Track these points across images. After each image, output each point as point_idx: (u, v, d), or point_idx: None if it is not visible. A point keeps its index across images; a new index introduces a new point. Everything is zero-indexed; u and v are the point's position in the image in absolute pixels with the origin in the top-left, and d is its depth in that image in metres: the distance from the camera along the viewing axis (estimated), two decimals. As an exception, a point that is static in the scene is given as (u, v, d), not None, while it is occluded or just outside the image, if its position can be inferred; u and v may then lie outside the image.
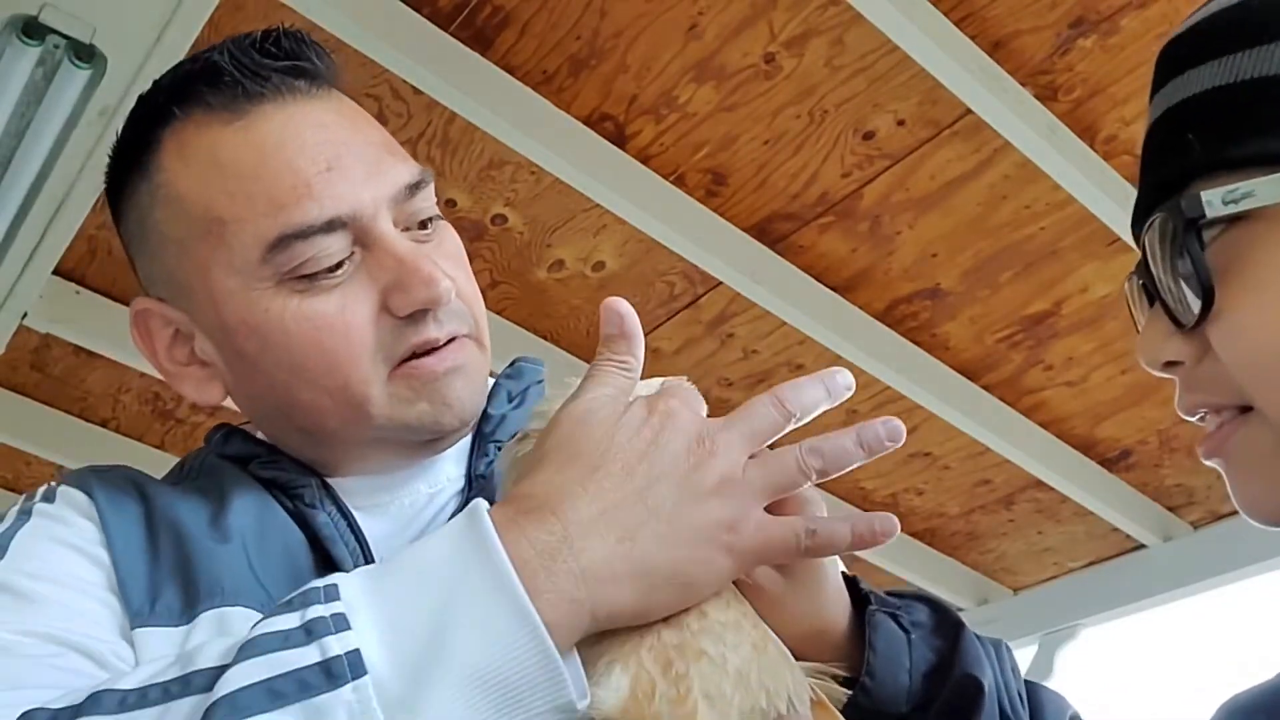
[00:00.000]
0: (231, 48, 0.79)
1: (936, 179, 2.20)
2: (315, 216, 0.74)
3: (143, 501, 0.78)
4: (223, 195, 0.76)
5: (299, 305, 0.76)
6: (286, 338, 0.76)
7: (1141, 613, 3.32)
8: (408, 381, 0.78)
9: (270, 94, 0.78)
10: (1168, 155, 0.62)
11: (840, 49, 1.96)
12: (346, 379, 0.76)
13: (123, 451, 2.90)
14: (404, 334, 0.77)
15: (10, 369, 2.68)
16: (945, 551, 3.41)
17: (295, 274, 0.75)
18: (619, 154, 2.14)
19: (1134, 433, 2.89)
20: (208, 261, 0.77)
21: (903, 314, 2.54)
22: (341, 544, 0.77)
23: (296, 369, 0.77)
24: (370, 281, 0.77)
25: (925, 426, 2.82)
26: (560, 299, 2.49)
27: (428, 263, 0.76)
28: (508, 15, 1.91)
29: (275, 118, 0.77)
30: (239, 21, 1.87)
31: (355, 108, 0.83)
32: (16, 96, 1.71)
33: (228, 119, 0.78)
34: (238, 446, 0.85)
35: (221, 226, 0.76)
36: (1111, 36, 1.92)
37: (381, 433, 0.79)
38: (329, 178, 0.76)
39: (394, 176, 0.78)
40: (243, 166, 0.76)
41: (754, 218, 2.31)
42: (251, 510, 0.79)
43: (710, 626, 0.61)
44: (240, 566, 0.75)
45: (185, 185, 0.78)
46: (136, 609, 0.71)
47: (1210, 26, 0.61)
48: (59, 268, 2.26)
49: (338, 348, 0.76)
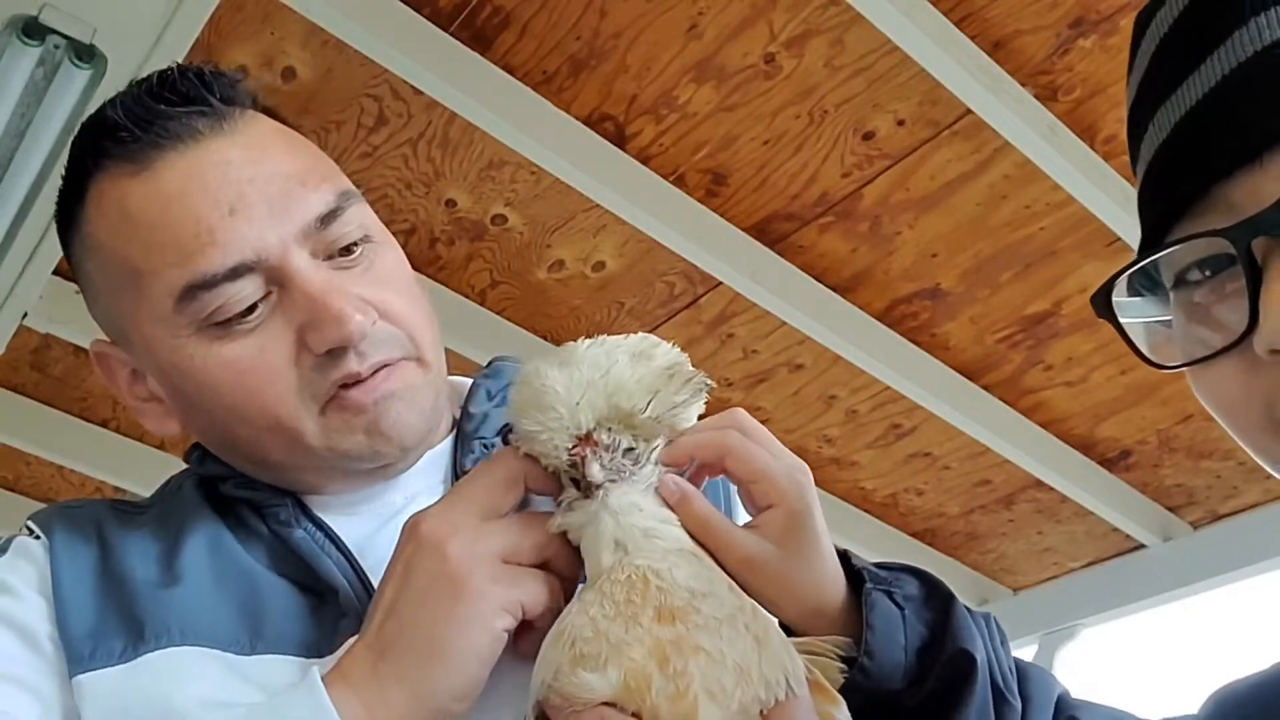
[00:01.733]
0: (126, 99, 0.78)
1: (936, 179, 2.20)
2: (219, 265, 0.74)
3: (99, 545, 0.80)
4: (135, 246, 0.76)
5: (219, 351, 0.76)
6: (214, 381, 0.77)
7: (1141, 613, 3.32)
8: (340, 415, 0.77)
9: (170, 141, 0.76)
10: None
11: (840, 49, 1.96)
12: (277, 417, 0.76)
13: (123, 451, 2.90)
14: (325, 370, 0.76)
15: (10, 369, 2.68)
16: (945, 551, 3.41)
17: (209, 321, 0.75)
18: (619, 154, 2.14)
19: (1134, 433, 2.89)
20: (133, 311, 0.78)
21: (903, 314, 2.54)
22: (325, 557, 0.77)
23: (228, 410, 0.77)
24: (286, 321, 0.76)
25: (925, 427, 2.82)
26: (560, 299, 2.49)
27: (339, 298, 0.75)
28: (508, 15, 1.91)
29: (177, 165, 0.76)
30: (239, 21, 1.87)
31: (269, 133, 0.80)
32: (16, 96, 1.71)
33: (132, 170, 0.77)
34: (211, 466, 0.85)
35: (138, 277, 0.76)
36: (1111, 36, 1.92)
37: (327, 462, 0.79)
38: (231, 222, 0.74)
39: (303, 209, 0.76)
40: (150, 217, 0.76)
41: (754, 218, 2.31)
42: (205, 546, 0.79)
43: (706, 622, 0.62)
44: (193, 607, 0.75)
45: (104, 236, 0.78)
46: (76, 656, 0.73)
47: None
48: (59, 268, 2.26)
49: (262, 389, 0.76)
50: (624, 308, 2.53)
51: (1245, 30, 0.53)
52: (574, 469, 0.67)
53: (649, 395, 0.68)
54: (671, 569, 0.64)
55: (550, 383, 0.67)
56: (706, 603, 0.63)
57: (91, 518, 0.82)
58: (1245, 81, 0.53)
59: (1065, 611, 3.40)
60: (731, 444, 0.71)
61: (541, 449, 0.68)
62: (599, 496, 0.66)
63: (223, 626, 0.74)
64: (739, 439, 0.71)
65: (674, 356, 0.71)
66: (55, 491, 3.17)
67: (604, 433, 0.67)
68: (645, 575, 0.63)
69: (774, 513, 0.71)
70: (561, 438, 0.67)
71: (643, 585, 0.63)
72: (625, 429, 0.68)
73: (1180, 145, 0.56)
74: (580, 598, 0.66)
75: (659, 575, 0.63)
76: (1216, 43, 0.55)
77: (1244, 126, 0.52)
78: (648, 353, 0.70)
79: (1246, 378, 0.55)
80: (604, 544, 0.66)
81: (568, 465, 0.67)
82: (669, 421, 0.70)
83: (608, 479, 0.67)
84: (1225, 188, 0.54)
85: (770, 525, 0.71)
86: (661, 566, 0.64)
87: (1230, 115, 0.53)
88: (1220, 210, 0.54)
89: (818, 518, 0.73)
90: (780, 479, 0.71)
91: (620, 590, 0.63)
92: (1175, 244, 0.56)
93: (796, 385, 2.75)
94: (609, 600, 0.63)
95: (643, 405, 0.68)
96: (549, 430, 0.67)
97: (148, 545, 0.79)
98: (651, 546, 0.66)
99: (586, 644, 0.61)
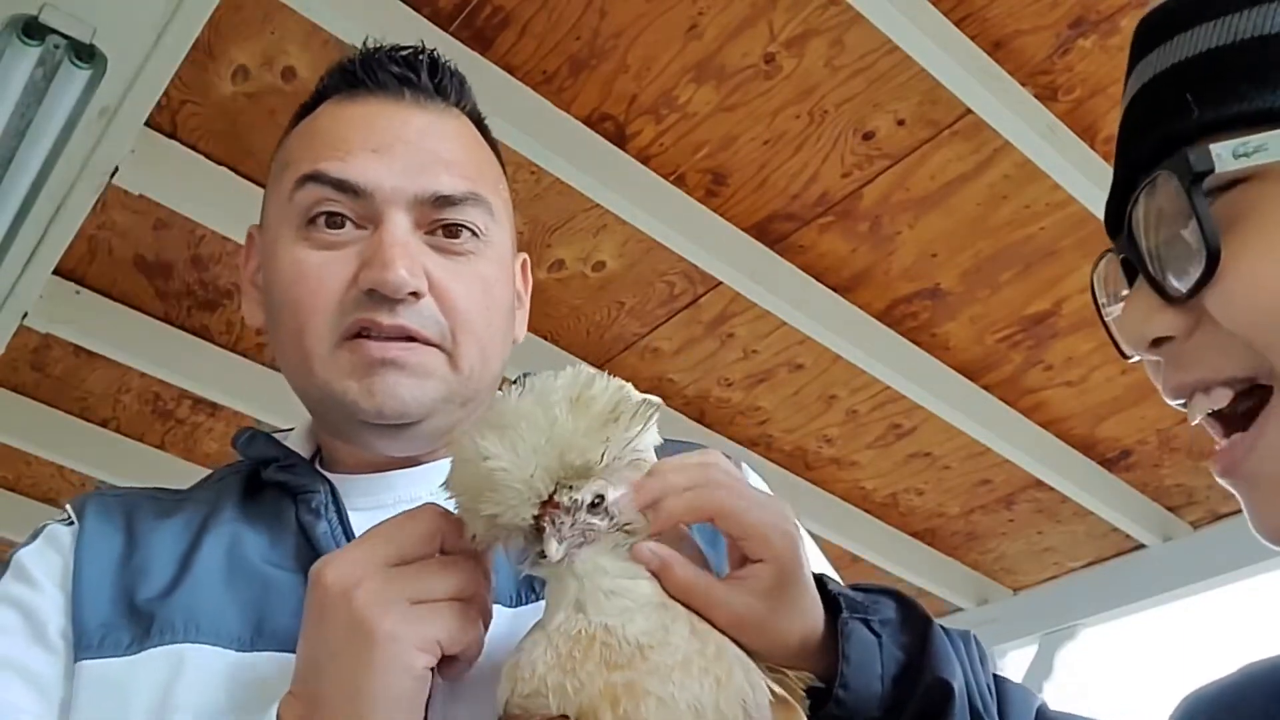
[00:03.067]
0: (369, 52, 0.93)
1: (936, 179, 2.20)
2: (337, 172, 0.83)
3: (126, 535, 0.83)
4: (297, 144, 0.89)
5: (297, 250, 0.84)
6: (282, 275, 0.84)
7: (1141, 613, 3.32)
8: (348, 356, 0.82)
9: (376, 88, 0.89)
10: (1160, 120, 0.60)
11: (840, 49, 1.96)
12: (302, 329, 0.83)
13: (122, 451, 2.90)
14: (358, 307, 0.82)
15: (10, 369, 2.69)
16: (945, 551, 3.41)
17: (306, 216, 0.84)
18: (619, 154, 2.14)
19: (1134, 433, 2.89)
20: (272, 196, 0.90)
21: (903, 314, 2.54)
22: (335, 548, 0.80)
23: (279, 306, 0.85)
24: (357, 254, 0.83)
25: (925, 426, 2.82)
26: (560, 299, 2.49)
27: (401, 252, 0.81)
28: (508, 15, 1.91)
29: (368, 104, 0.88)
30: (239, 21, 1.87)
31: (455, 129, 0.91)
32: (16, 96, 1.71)
33: (342, 99, 0.90)
34: (260, 448, 0.89)
35: (285, 167, 0.88)
36: (1111, 36, 1.92)
37: (322, 401, 0.84)
38: (369, 156, 0.84)
39: (431, 182, 0.85)
40: (320, 127, 0.88)
41: (754, 218, 2.31)
42: (223, 547, 0.82)
43: (656, 668, 0.62)
44: (200, 604, 0.78)
45: (291, 141, 0.91)
46: (86, 643, 0.76)
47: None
48: (59, 268, 2.26)
49: (303, 298, 0.83)
50: (624, 308, 2.53)
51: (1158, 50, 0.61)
52: (539, 529, 0.65)
53: (602, 445, 0.65)
54: (625, 625, 0.63)
55: (496, 460, 0.63)
56: (657, 652, 0.63)
57: (124, 508, 0.86)
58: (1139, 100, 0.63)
59: (1065, 611, 3.40)
60: (722, 503, 0.68)
61: (504, 525, 0.65)
62: (564, 563, 0.64)
63: (226, 623, 0.77)
64: (728, 496, 0.68)
65: (614, 394, 0.67)
66: (55, 491, 3.17)
67: (564, 494, 0.64)
68: (594, 634, 0.63)
69: (764, 568, 0.68)
70: (524, 510, 0.64)
71: (587, 642, 0.62)
72: (584, 480, 0.65)
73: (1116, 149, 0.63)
74: (531, 636, 0.66)
75: (609, 631, 0.63)
76: (1136, 59, 0.62)
77: (1133, 143, 0.62)
78: (585, 397, 0.66)
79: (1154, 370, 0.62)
80: (565, 602, 0.65)
81: (531, 528, 0.65)
82: (628, 459, 0.67)
83: (570, 548, 0.64)
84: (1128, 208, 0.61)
85: (759, 580, 0.68)
86: (615, 623, 0.63)
87: (1128, 131, 0.62)
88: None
89: (806, 569, 0.71)
90: (773, 536, 0.68)
91: (565, 644, 0.63)
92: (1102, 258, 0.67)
93: (796, 385, 2.75)
94: (552, 650, 0.63)
95: (598, 457, 0.65)
96: (508, 508, 0.64)
97: (171, 540, 0.83)
98: (612, 605, 0.64)
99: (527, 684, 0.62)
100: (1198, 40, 0.58)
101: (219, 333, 2.60)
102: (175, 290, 2.47)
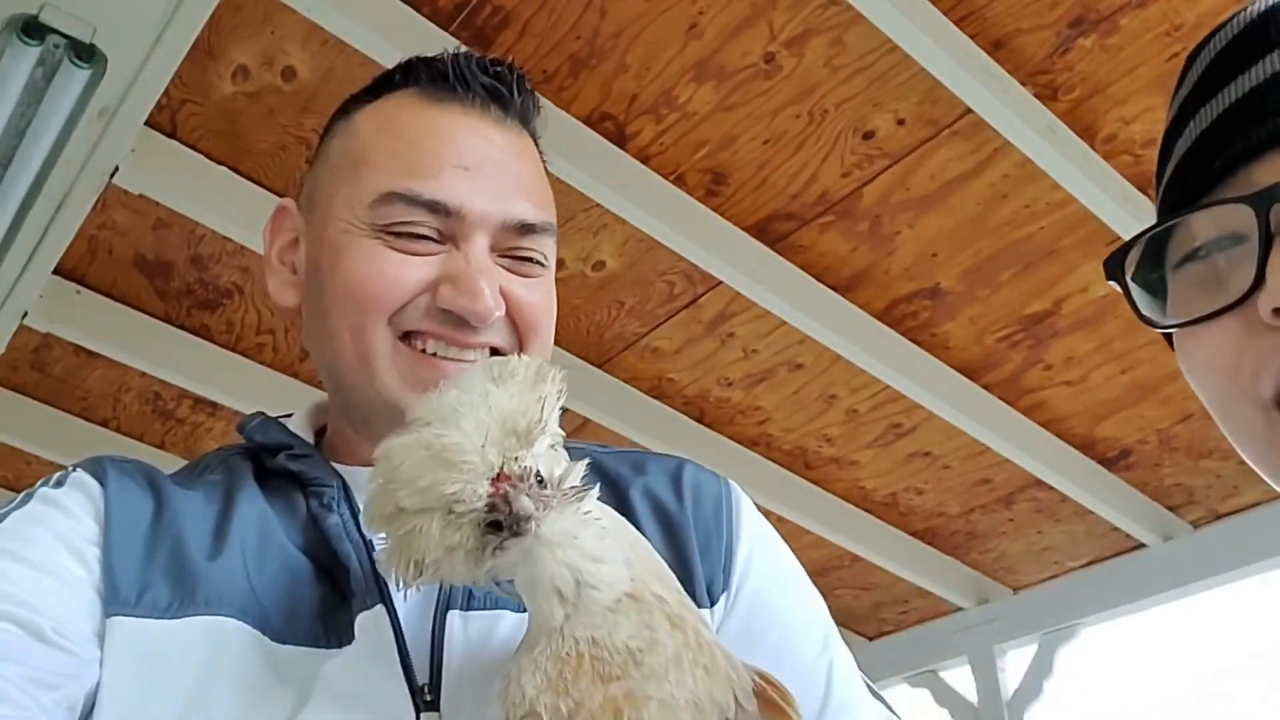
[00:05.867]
0: (460, 55, 0.90)
1: (936, 179, 2.20)
2: (429, 193, 0.83)
3: (154, 497, 0.81)
4: (379, 144, 0.87)
5: (378, 250, 0.83)
6: (354, 268, 0.84)
7: (1141, 612, 3.32)
8: (410, 363, 0.83)
9: (465, 96, 0.87)
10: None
11: (840, 49, 1.96)
12: (363, 325, 0.83)
13: (123, 451, 2.89)
14: (428, 316, 0.83)
15: (10, 369, 2.69)
16: (945, 551, 3.41)
17: (388, 228, 0.83)
18: (619, 154, 2.14)
19: (1134, 432, 2.89)
20: (338, 189, 0.87)
21: (903, 314, 2.54)
22: (346, 542, 0.80)
23: (343, 295, 0.84)
24: (438, 266, 0.83)
25: (925, 426, 2.83)
26: (560, 299, 2.46)
27: (489, 281, 0.82)
28: (508, 15, 1.91)
29: (457, 114, 0.87)
30: (239, 21, 1.87)
31: (530, 153, 0.90)
32: (16, 96, 1.71)
33: (425, 98, 0.88)
34: (273, 434, 0.89)
35: (363, 165, 0.86)
36: (1111, 36, 1.92)
37: (375, 404, 0.83)
38: (459, 174, 0.84)
39: (517, 208, 0.85)
40: (409, 132, 0.86)
41: (754, 217, 2.31)
42: (254, 523, 0.81)
43: (651, 671, 0.62)
44: (237, 580, 0.77)
45: (364, 127, 0.89)
46: (122, 598, 0.74)
47: None
48: (59, 268, 2.26)
49: (375, 296, 0.83)
50: (624, 307, 2.53)
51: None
52: (493, 512, 0.63)
53: (539, 403, 0.66)
54: (611, 633, 0.63)
55: (448, 439, 0.63)
56: (648, 655, 0.63)
57: (144, 471, 0.85)
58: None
59: (1065, 611, 3.40)
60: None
61: (458, 505, 0.63)
62: (532, 530, 0.63)
63: (264, 608, 0.76)
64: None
65: (530, 362, 0.69)
66: (55, 491, 3.17)
67: (512, 465, 0.64)
68: (582, 651, 0.63)
69: None
70: (480, 486, 0.63)
71: (577, 660, 0.62)
72: (525, 451, 0.65)
73: (1221, 130, 0.62)
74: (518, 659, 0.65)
75: (597, 644, 0.63)
76: (1262, 53, 0.62)
77: (1273, 114, 0.59)
78: (505, 372, 0.68)
79: (1241, 339, 0.58)
80: (542, 591, 0.63)
81: (485, 511, 0.63)
82: (551, 433, 0.67)
83: (537, 508, 0.63)
84: (1251, 168, 0.59)
85: None
86: (600, 634, 0.63)
87: (1267, 105, 0.60)
88: (1243, 189, 0.59)
89: None
90: None
91: (554, 666, 0.63)
92: (1204, 207, 0.61)
93: (796, 385, 2.75)
94: (541, 674, 0.63)
95: (538, 415, 0.66)
96: (467, 483, 0.63)
97: (201, 510, 0.82)
98: (591, 603, 0.63)
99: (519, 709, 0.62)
100: None
101: (219, 332, 2.60)
102: (175, 290, 2.47)
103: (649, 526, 0.86)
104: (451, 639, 0.77)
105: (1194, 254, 0.62)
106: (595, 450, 0.93)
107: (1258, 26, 0.64)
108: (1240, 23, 0.65)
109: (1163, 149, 0.70)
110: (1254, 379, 0.58)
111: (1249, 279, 0.57)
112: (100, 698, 0.71)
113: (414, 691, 0.74)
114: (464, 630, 0.77)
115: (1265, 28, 0.64)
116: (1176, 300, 0.63)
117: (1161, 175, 0.69)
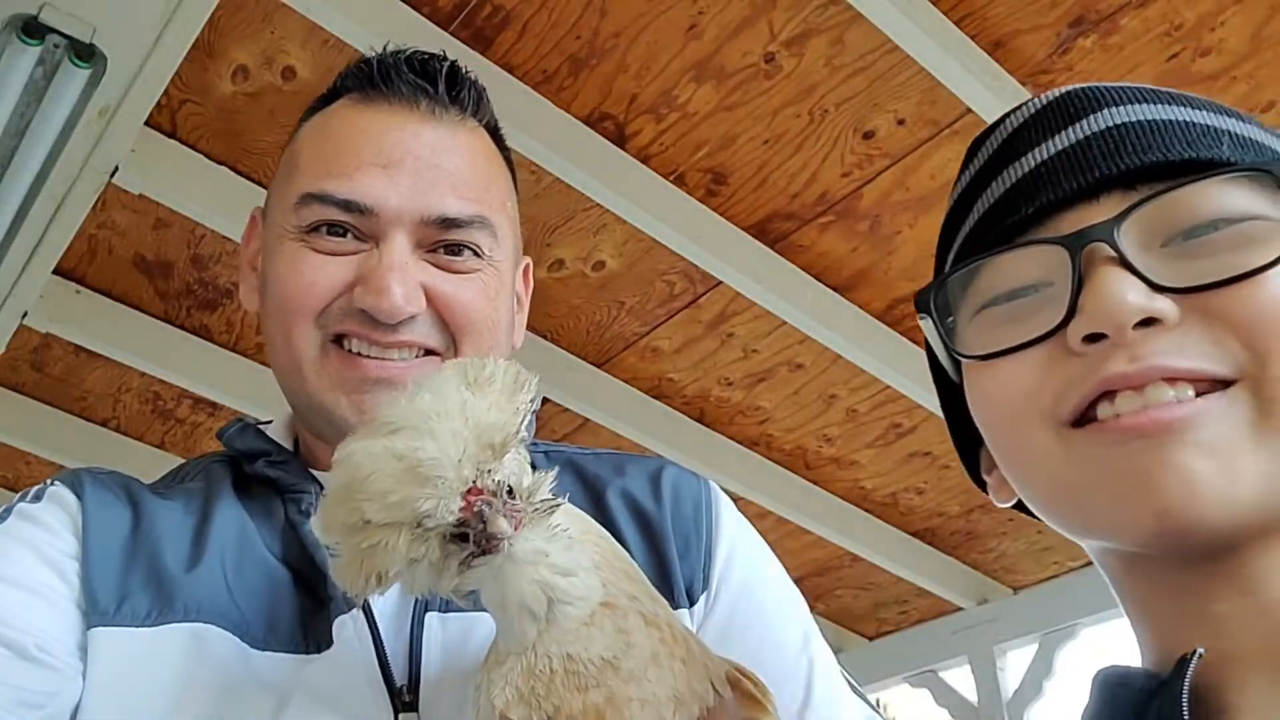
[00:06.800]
0: (388, 55, 0.90)
1: (936, 178, 2.20)
2: (342, 192, 0.83)
3: (131, 508, 0.82)
4: (308, 148, 0.88)
5: (297, 252, 0.84)
6: (280, 273, 0.85)
7: (1141, 612, 3.31)
8: (338, 368, 0.83)
9: (391, 94, 0.87)
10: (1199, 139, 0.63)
11: (840, 49, 1.96)
12: (290, 329, 0.84)
13: (123, 451, 2.90)
14: (347, 317, 0.83)
15: (10, 369, 2.69)
16: (945, 551, 3.41)
17: (309, 227, 0.84)
18: (619, 154, 2.14)
19: (1134, 432, 2.89)
20: (277, 193, 0.89)
21: (903, 314, 2.54)
22: (323, 549, 0.78)
23: (274, 300, 0.86)
24: (356, 265, 0.83)
25: (925, 426, 2.82)
26: (560, 298, 2.49)
27: (399, 278, 0.82)
28: (508, 15, 1.91)
29: (383, 112, 0.87)
30: (239, 21, 1.87)
31: (468, 144, 0.89)
32: (16, 96, 1.72)
33: (358, 102, 0.89)
34: (251, 441, 0.89)
35: (294, 170, 0.88)
36: (1111, 36, 1.92)
37: (308, 405, 0.85)
38: (375, 172, 0.84)
39: (434, 202, 0.84)
40: (333, 133, 0.87)
41: (754, 217, 2.31)
42: (232, 531, 0.81)
43: (630, 674, 0.62)
44: (216, 587, 0.77)
45: (303, 135, 0.91)
46: (101, 609, 0.74)
47: None
48: (59, 268, 2.26)
49: (294, 298, 0.84)
50: (624, 307, 2.53)
51: (1100, 114, 0.66)
52: (462, 526, 0.60)
53: (516, 416, 0.63)
54: (586, 647, 0.62)
55: (423, 453, 0.59)
56: (625, 660, 0.62)
57: (121, 483, 0.85)
58: (1093, 142, 0.65)
59: (1065, 611, 3.40)
60: None
61: (428, 520, 0.59)
62: (503, 549, 0.60)
63: (243, 615, 0.76)
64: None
65: (508, 368, 0.65)
66: (55, 491, 3.17)
67: (486, 479, 0.60)
68: (554, 669, 0.62)
69: None
70: (453, 502, 0.59)
71: (549, 677, 0.61)
72: (498, 464, 0.61)
73: (1030, 183, 0.66)
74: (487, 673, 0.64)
75: (571, 659, 0.62)
76: (1076, 118, 0.66)
77: (1087, 168, 0.63)
78: (482, 377, 0.63)
79: (1045, 367, 0.62)
80: (513, 610, 0.61)
81: (454, 525, 0.60)
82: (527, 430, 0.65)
83: (510, 526, 0.60)
84: (1060, 217, 0.63)
85: None
86: (575, 649, 0.62)
87: (1075, 162, 0.64)
88: (1051, 235, 0.63)
89: None
90: None
91: (525, 681, 0.62)
92: (1020, 246, 0.64)
93: (796, 385, 2.75)
94: (511, 689, 0.62)
95: (515, 429, 0.62)
96: (440, 500, 0.59)
97: (179, 519, 0.82)
98: (565, 619, 0.62)
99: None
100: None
101: (219, 332, 2.60)
102: (175, 290, 2.47)
103: (626, 528, 0.86)
104: (430, 641, 0.77)
105: (994, 301, 0.65)
106: (574, 452, 0.93)
107: (1060, 102, 0.67)
108: (1041, 101, 0.69)
109: (942, 236, 0.77)
110: (1056, 401, 0.61)
111: (1058, 315, 0.60)
112: (83, 709, 0.72)
113: (393, 693, 0.74)
114: (442, 632, 0.78)
115: (1070, 103, 0.67)
116: (975, 341, 0.66)
117: (948, 246, 0.75)
